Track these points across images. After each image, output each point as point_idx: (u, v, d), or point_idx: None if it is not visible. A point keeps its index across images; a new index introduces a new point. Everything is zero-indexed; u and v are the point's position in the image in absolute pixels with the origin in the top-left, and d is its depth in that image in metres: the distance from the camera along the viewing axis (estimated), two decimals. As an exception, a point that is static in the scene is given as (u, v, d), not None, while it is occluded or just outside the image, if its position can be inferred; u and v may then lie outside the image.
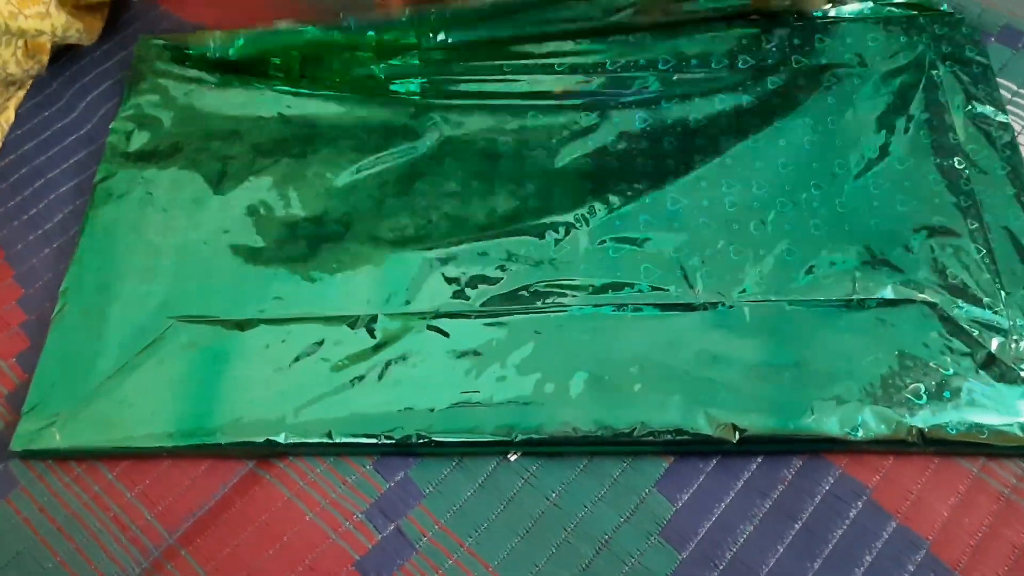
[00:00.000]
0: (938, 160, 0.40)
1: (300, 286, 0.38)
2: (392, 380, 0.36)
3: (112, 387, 0.36)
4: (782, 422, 0.34)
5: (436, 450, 0.35)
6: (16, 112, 0.46)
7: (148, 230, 0.40)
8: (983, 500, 0.33)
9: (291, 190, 0.41)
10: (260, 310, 0.38)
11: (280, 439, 0.35)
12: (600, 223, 0.39)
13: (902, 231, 0.38)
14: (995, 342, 0.35)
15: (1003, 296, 0.36)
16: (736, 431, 0.34)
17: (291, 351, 0.36)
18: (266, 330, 0.37)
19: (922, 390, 0.34)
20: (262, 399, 0.35)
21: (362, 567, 0.33)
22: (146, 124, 0.44)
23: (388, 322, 0.37)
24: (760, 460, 0.34)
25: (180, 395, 0.36)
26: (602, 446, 0.34)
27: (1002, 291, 0.36)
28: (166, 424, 0.35)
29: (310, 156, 0.42)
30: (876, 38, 0.44)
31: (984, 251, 0.37)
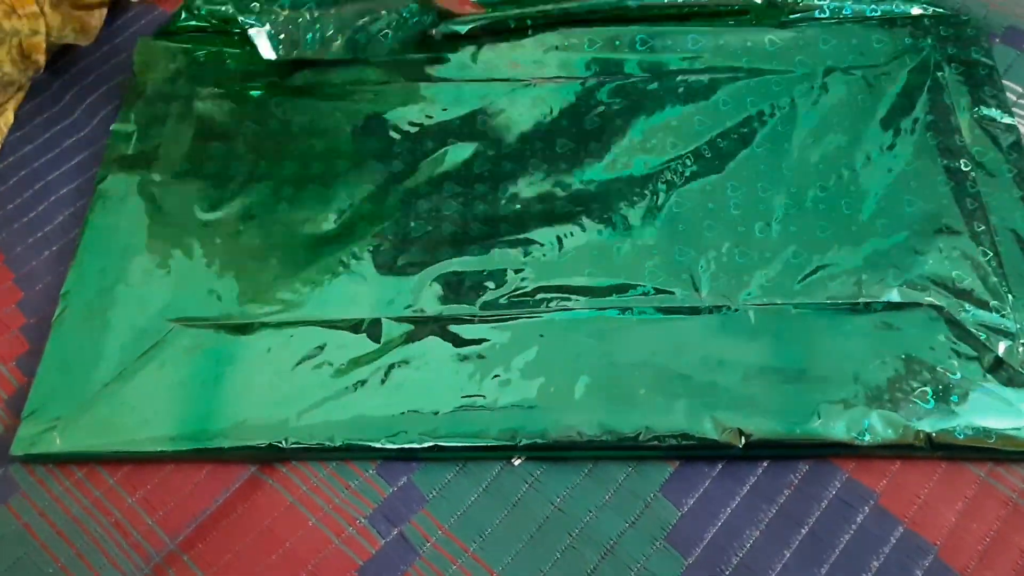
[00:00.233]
0: (944, 162, 0.40)
1: (302, 289, 0.38)
2: (395, 384, 0.35)
3: (113, 391, 0.36)
4: (788, 426, 0.34)
5: (439, 454, 0.34)
6: (16, 115, 0.46)
7: (149, 233, 0.40)
8: (991, 505, 0.33)
9: (293, 193, 0.41)
10: (262, 313, 0.37)
11: (283, 443, 0.34)
12: (604, 226, 0.39)
13: (908, 234, 0.38)
14: (1002, 346, 0.35)
15: (1010, 299, 0.36)
16: (742, 435, 0.33)
17: (293, 355, 0.36)
18: (268, 334, 0.37)
19: (929, 394, 0.34)
20: (264, 403, 0.35)
21: (365, 573, 0.33)
22: (146, 127, 0.43)
23: (391, 326, 0.37)
24: (766, 465, 0.34)
25: (182, 399, 0.35)
26: (607, 450, 0.34)
27: (1009, 294, 0.36)
28: (168, 428, 0.35)
29: (311, 159, 0.42)
30: (881, 39, 0.44)
31: (991, 254, 0.37)
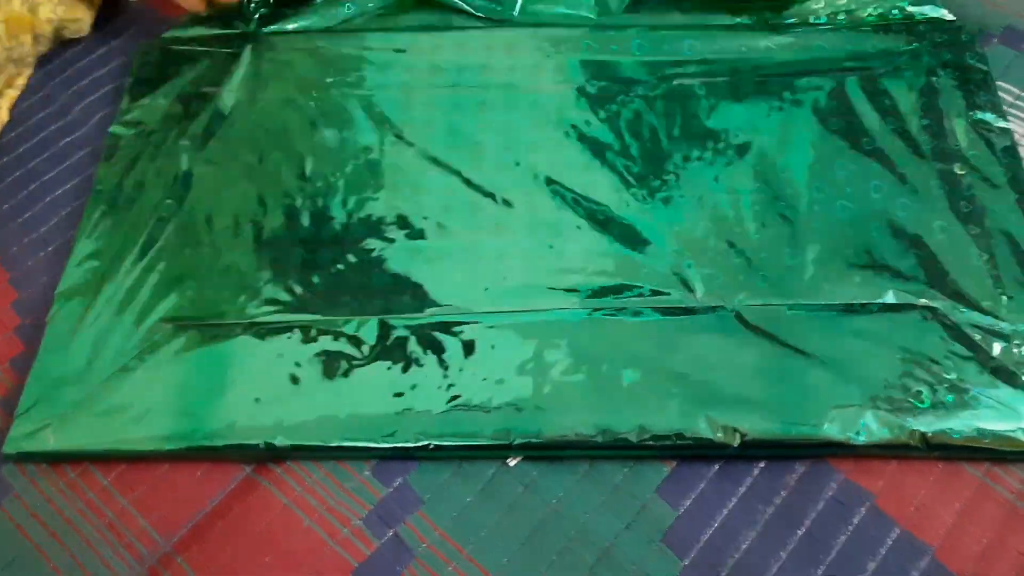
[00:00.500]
0: (939, 165, 0.40)
1: (297, 289, 0.38)
2: (389, 383, 0.35)
3: (107, 390, 0.36)
4: (784, 426, 0.34)
5: (434, 454, 0.34)
6: (11, 113, 0.46)
7: (144, 233, 0.40)
8: (988, 507, 0.33)
9: (289, 193, 0.41)
10: (257, 313, 0.37)
11: (277, 442, 0.34)
12: (601, 226, 0.39)
13: (903, 236, 0.38)
14: (997, 347, 0.35)
15: (1005, 301, 0.36)
16: (737, 435, 0.33)
17: (288, 355, 0.36)
18: (262, 334, 0.37)
19: (924, 395, 0.34)
20: (258, 402, 0.35)
21: (360, 574, 0.33)
22: (144, 128, 0.43)
23: (386, 325, 0.37)
24: (762, 466, 0.34)
25: (176, 398, 0.35)
26: (602, 450, 0.34)
27: (1004, 296, 0.36)
28: (162, 427, 0.35)
29: (308, 161, 0.42)
30: (876, 44, 0.44)
31: (986, 256, 0.37)
